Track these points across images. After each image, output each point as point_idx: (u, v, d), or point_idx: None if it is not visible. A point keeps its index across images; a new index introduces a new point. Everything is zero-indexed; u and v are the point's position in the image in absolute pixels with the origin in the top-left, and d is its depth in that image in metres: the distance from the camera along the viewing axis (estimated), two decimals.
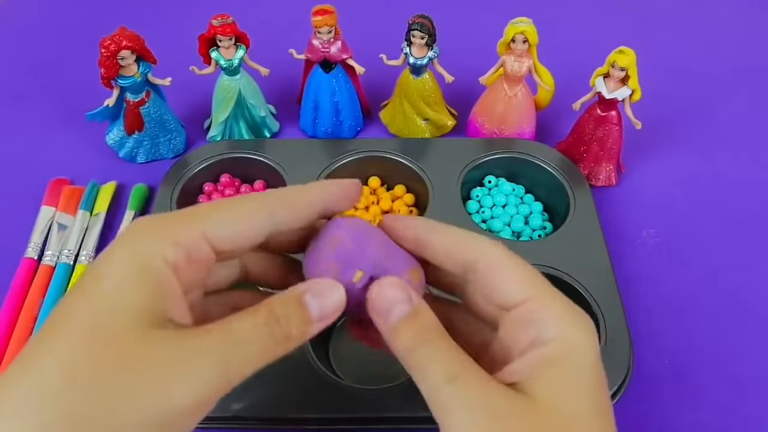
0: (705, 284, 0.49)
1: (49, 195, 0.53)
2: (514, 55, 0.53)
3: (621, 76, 0.50)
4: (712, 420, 0.42)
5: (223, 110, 0.56)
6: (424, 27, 0.51)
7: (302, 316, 0.24)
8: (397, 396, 0.39)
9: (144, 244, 0.22)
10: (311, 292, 0.24)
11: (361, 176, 0.54)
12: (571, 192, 0.51)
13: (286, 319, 0.23)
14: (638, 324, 0.46)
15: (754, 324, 0.47)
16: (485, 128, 0.57)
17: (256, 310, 0.23)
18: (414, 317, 0.24)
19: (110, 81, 0.51)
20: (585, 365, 0.23)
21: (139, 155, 0.57)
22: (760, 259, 0.51)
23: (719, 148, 0.60)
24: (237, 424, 0.39)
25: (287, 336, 0.23)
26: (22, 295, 0.47)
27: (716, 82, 0.66)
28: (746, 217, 0.54)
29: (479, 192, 0.54)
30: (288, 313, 0.23)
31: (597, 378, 0.23)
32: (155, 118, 0.55)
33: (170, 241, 0.22)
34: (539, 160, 0.53)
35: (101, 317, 0.21)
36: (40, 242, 0.50)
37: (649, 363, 0.44)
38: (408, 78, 0.56)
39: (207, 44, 0.53)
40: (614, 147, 0.54)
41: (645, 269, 0.50)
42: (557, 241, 0.48)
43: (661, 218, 0.54)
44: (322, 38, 0.53)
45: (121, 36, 0.50)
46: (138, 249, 0.22)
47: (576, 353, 0.23)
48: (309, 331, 0.24)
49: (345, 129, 0.59)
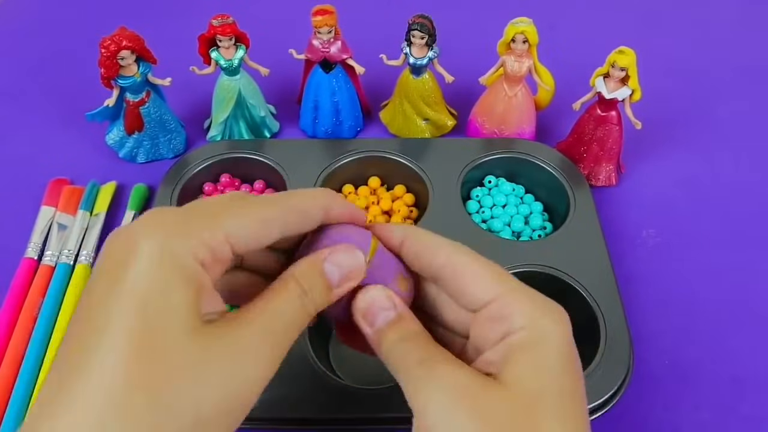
0: (705, 284, 0.49)
1: (49, 195, 0.53)
2: (514, 55, 0.53)
3: (621, 76, 0.50)
4: (712, 420, 0.42)
5: (223, 110, 0.56)
6: (424, 27, 0.51)
7: (325, 284, 0.25)
8: (397, 396, 0.39)
9: (176, 243, 0.22)
10: (330, 260, 0.26)
11: (361, 176, 0.55)
12: (571, 192, 0.51)
13: (311, 290, 0.25)
14: (638, 324, 0.46)
15: (754, 324, 0.47)
16: (485, 128, 0.57)
17: (285, 287, 0.25)
18: (398, 322, 0.26)
19: (110, 81, 0.51)
20: (553, 348, 0.24)
21: (139, 155, 0.57)
22: (760, 259, 0.51)
23: (719, 148, 0.60)
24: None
25: (315, 305, 0.25)
26: (22, 295, 0.47)
27: (716, 82, 0.66)
28: (746, 217, 0.54)
29: (479, 192, 0.54)
30: (312, 284, 0.25)
31: (567, 361, 0.24)
32: (155, 118, 0.55)
33: (199, 240, 0.22)
34: (539, 160, 0.53)
35: (152, 319, 0.20)
36: (40, 242, 0.50)
37: (649, 363, 0.44)
38: (408, 78, 0.56)
39: (207, 44, 0.53)
40: (614, 147, 0.54)
41: (645, 269, 0.50)
42: (557, 241, 0.48)
43: (661, 218, 0.54)
44: (322, 38, 0.53)
45: (121, 36, 0.50)
46: (170, 247, 0.22)
47: (545, 338, 0.24)
48: (332, 297, 0.26)
49: (345, 129, 0.59)
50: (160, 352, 0.20)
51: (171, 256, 0.21)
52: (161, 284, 0.21)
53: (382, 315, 0.26)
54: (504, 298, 0.25)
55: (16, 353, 0.44)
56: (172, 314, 0.21)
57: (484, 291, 0.26)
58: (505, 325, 0.25)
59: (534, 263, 0.46)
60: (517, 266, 0.46)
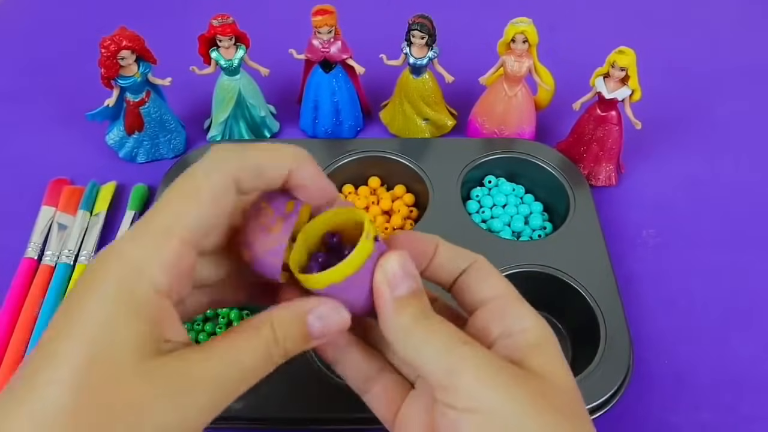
0: (705, 284, 0.49)
1: (49, 195, 0.53)
2: (514, 55, 0.53)
3: (621, 76, 0.50)
4: (712, 420, 0.42)
5: (223, 110, 0.56)
6: (424, 27, 0.51)
7: (303, 335, 0.24)
8: None
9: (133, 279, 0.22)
10: (315, 314, 0.24)
11: (361, 176, 0.55)
12: (571, 192, 0.51)
13: (284, 339, 0.24)
14: (638, 324, 0.46)
15: (753, 324, 0.47)
16: (485, 128, 0.57)
17: (257, 333, 0.23)
18: (420, 294, 0.25)
19: (110, 81, 0.51)
20: (557, 349, 0.26)
21: (139, 155, 0.57)
22: (760, 259, 0.51)
23: (719, 148, 0.60)
24: (237, 424, 0.39)
25: (286, 354, 0.24)
26: (22, 295, 0.47)
27: (716, 82, 0.66)
28: (746, 217, 0.54)
29: (479, 192, 0.54)
30: (289, 334, 0.24)
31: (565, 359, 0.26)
32: (155, 118, 0.55)
33: (155, 263, 0.22)
34: (539, 160, 0.53)
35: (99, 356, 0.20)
36: (40, 242, 0.50)
37: (649, 363, 0.44)
38: (408, 78, 0.56)
39: (207, 44, 0.53)
40: (614, 147, 0.54)
41: (645, 269, 0.50)
42: (557, 241, 0.48)
43: (661, 218, 0.54)
44: (322, 38, 0.53)
45: (121, 36, 0.50)
46: (128, 284, 0.21)
47: (550, 339, 0.26)
48: (307, 348, 0.25)
49: (345, 129, 0.59)
50: (103, 390, 0.20)
51: (127, 293, 0.21)
52: (112, 322, 0.21)
53: (407, 283, 0.25)
54: (509, 298, 0.26)
55: (16, 353, 0.44)
56: (119, 352, 0.21)
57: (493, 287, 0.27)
58: (511, 320, 0.26)
59: (534, 263, 0.46)
60: (517, 266, 0.46)
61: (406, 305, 0.24)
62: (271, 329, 0.24)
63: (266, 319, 0.24)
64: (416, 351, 0.24)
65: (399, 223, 0.51)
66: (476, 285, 0.27)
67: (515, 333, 0.25)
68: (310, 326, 0.24)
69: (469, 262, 0.27)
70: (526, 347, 0.25)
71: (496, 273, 0.27)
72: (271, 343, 0.23)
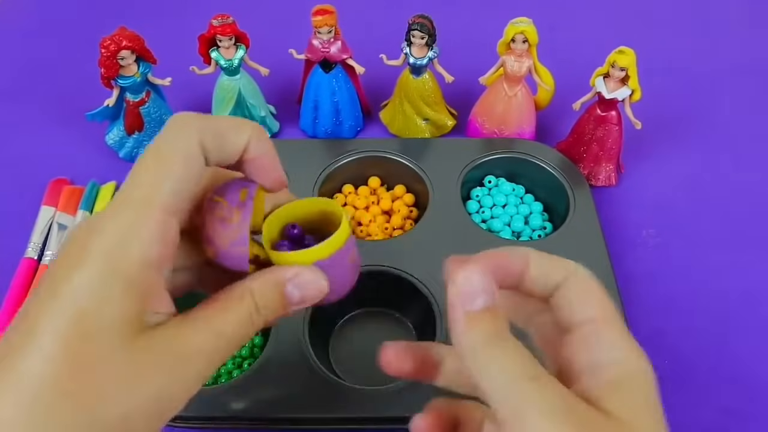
0: (705, 284, 0.49)
1: (49, 195, 0.53)
2: (514, 55, 0.53)
3: (621, 76, 0.50)
4: (712, 420, 0.42)
5: (223, 110, 0.56)
6: (424, 27, 0.51)
7: (282, 303, 0.25)
8: (397, 396, 0.39)
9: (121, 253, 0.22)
10: (294, 283, 0.25)
11: (361, 176, 0.55)
12: (571, 192, 0.51)
13: (266, 308, 0.24)
14: (638, 324, 0.46)
15: (753, 324, 0.47)
16: (485, 128, 0.57)
17: (240, 303, 0.24)
18: (494, 312, 0.23)
19: (110, 81, 0.51)
20: (647, 387, 0.24)
21: (140, 155, 0.57)
22: (760, 259, 0.51)
23: (719, 148, 0.60)
24: (237, 424, 0.39)
25: (265, 321, 0.24)
26: (22, 295, 0.47)
27: (716, 82, 0.66)
28: (746, 217, 0.54)
29: (479, 192, 0.54)
30: (269, 302, 0.24)
31: (657, 399, 0.24)
32: (155, 118, 0.55)
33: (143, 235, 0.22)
34: (539, 160, 0.53)
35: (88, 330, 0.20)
36: (40, 242, 0.50)
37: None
38: (408, 78, 0.56)
39: (207, 44, 0.53)
40: (614, 147, 0.54)
41: (645, 269, 0.50)
42: (557, 241, 0.48)
43: (661, 218, 0.54)
44: (322, 38, 0.53)
45: (121, 36, 0.50)
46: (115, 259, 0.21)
47: (638, 376, 0.24)
48: (286, 315, 0.25)
49: (345, 129, 0.59)
50: (91, 363, 0.20)
51: (114, 266, 0.21)
52: (101, 296, 0.21)
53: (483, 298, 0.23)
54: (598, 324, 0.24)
55: None
56: (108, 326, 0.21)
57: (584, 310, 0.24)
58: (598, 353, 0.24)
59: None
60: None
61: (479, 321, 0.23)
62: (251, 298, 0.24)
63: (246, 290, 0.24)
64: (481, 374, 0.23)
65: (399, 223, 0.51)
66: (569, 305, 0.25)
67: (602, 366, 0.23)
68: (289, 294, 0.25)
69: (563, 274, 0.25)
70: (606, 384, 0.23)
71: (593, 289, 0.25)
72: (253, 313, 0.24)
